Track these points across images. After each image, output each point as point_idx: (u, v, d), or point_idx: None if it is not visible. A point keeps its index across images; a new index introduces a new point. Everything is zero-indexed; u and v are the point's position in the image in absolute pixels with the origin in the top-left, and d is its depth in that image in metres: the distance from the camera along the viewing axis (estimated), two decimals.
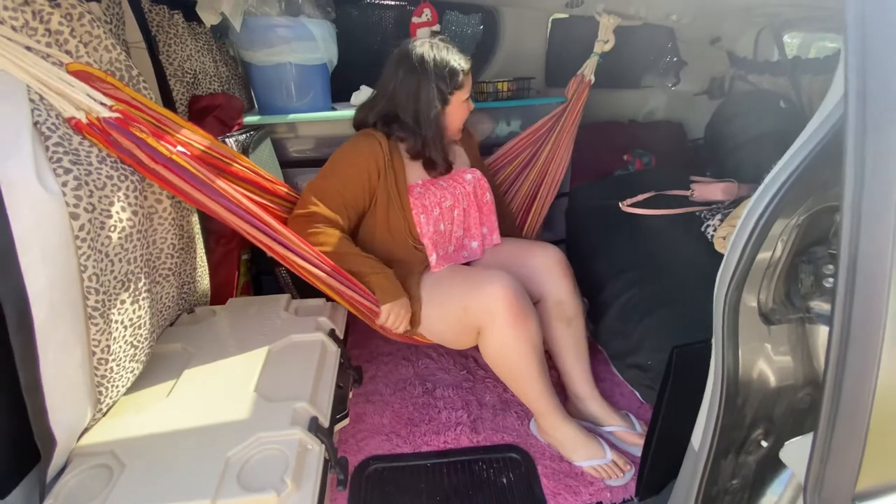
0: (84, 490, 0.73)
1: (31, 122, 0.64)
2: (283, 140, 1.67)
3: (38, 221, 0.62)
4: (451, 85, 1.18)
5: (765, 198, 0.62)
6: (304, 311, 1.18)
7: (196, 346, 1.01)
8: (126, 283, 0.78)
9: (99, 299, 0.72)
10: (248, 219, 0.89)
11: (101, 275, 0.72)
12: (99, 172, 0.73)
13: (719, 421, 0.70)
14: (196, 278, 1.13)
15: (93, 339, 0.74)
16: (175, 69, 1.31)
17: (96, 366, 0.76)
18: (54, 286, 0.65)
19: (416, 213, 1.22)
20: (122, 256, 0.77)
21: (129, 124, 0.75)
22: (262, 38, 1.50)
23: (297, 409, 0.84)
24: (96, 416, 0.81)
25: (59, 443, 0.72)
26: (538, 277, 1.27)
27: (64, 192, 0.66)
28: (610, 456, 1.16)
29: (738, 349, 0.67)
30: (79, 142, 0.72)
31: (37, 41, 0.72)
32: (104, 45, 0.81)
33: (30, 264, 0.61)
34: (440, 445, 1.27)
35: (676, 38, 2.26)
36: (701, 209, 1.61)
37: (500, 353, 1.13)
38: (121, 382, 0.82)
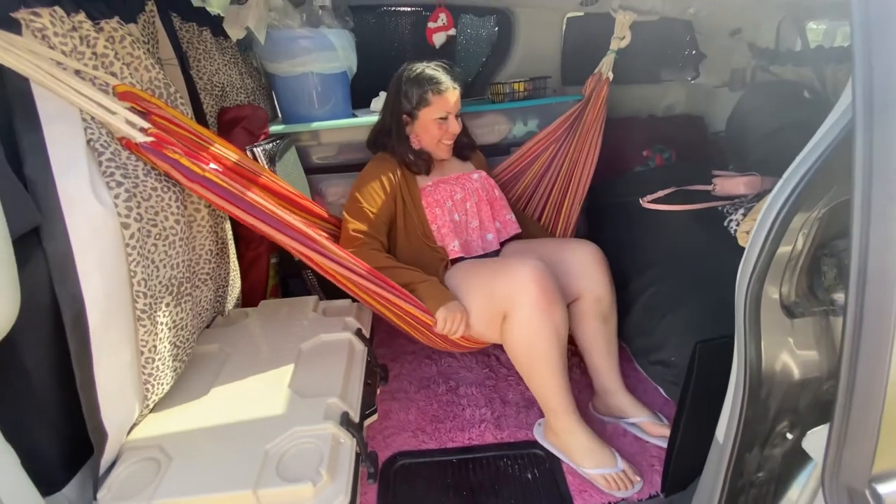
0: (135, 481, 0.78)
1: (86, 140, 0.70)
2: (307, 147, 1.72)
3: (94, 232, 0.67)
4: (417, 102, 1.27)
5: (785, 191, 0.62)
6: (332, 311, 1.23)
7: (232, 346, 1.06)
8: (170, 287, 0.84)
9: (147, 302, 0.77)
10: (278, 226, 0.93)
11: (148, 280, 0.78)
12: (145, 184, 0.78)
13: (743, 414, 0.71)
14: (230, 282, 1.19)
15: (141, 339, 0.79)
16: (205, 83, 1.37)
17: (144, 365, 0.81)
18: (107, 291, 0.70)
19: (429, 209, 1.28)
20: (167, 262, 0.82)
21: (163, 147, 0.80)
22: (285, 50, 1.56)
23: (329, 405, 0.88)
24: (143, 412, 0.87)
25: (110, 437, 0.77)
26: (576, 273, 1.27)
27: (116, 204, 0.71)
28: (621, 465, 1.13)
29: (760, 342, 0.68)
30: (127, 156, 0.77)
31: (84, 64, 0.77)
32: (144, 65, 0.87)
33: (86, 271, 0.67)
34: (465, 442, 1.29)
35: (695, 31, 2.23)
36: (723, 204, 1.59)
37: (523, 339, 1.09)
38: (165, 380, 0.88)
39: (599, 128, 1.71)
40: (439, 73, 1.26)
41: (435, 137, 1.30)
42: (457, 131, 1.31)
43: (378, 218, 1.25)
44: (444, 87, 1.25)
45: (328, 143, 1.76)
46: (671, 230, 1.58)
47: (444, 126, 1.29)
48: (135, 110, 0.81)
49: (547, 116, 1.86)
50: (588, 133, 1.69)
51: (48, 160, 0.65)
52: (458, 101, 1.29)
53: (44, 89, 0.70)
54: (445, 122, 1.28)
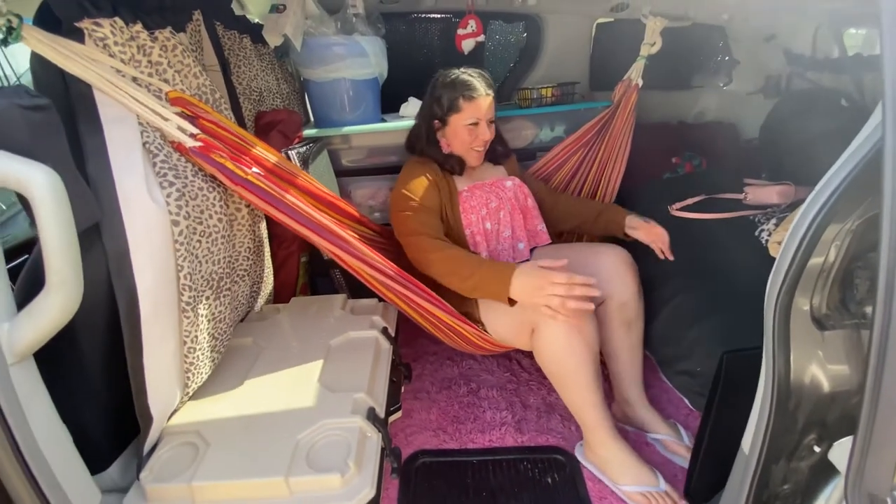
0: (175, 464, 0.83)
1: (142, 142, 0.75)
2: (338, 150, 1.78)
3: (148, 228, 0.73)
4: (449, 108, 1.27)
5: (818, 201, 0.62)
6: (359, 310, 1.26)
7: (265, 340, 1.11)
8: (211, 282, 0.89)
9: (191, 296, 0.82)
10: (313, 227, 0.96)
11: (193, 274, 0.83)
12: (193, 184, 0.83)
13: (770, 425, 0.70)
14: (264, 279, 1.24)
15: (185, 330, 0.84)
16: (244, 88, 1.43)
17: (186, 354, 0.86)
18: (158, 284, 0.75)
19: (465, 215, 1.29)
20: (209, 258, 0.87)
21: (210, 151, 0.85)
22: (319, 57, 1.61)
23: (356, 400, 0.91)
24: (184, 398, 0.92)
25: (154, 421, 0.83)
26: (602, 277, 1.22)
27: (168, 203, 0.76)
28: (664, 486, 1.07)
29: (789, 353, 0.67)
30: (177, 158, 0.82)
31: (141, 72, 0.83)
32: (193, 73, 0.92)
33: (140, 266, 0.72)
34: (486, 443, 1.31)
35: (728, 37, 2.20)
36: (755, 213, 1.57)
37: (553, 353, 1.07)
38: (204, 370, 0.93)
39: (628, 134, 1.70)
40: (473, 79, 1.26)
41: (465, 143, 1.30)
42: (488, 138, 1.30)
43: (435, 214, 1.24)
44: (477, 94, 1.25)
45: (358, 146, 1.80)
46: (700, 238, 1.56)
47: (474, 132, 1.28)
48: (184, 115, 0.86)
49: (574, 122, 1.86)
50: (617, 139, 1.69)
51: (108, 161, 0.71)
52: (490, 107, 1.28)
53: (104, 95, 0.76)
54: (476, 129, 1.28)
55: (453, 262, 1.11)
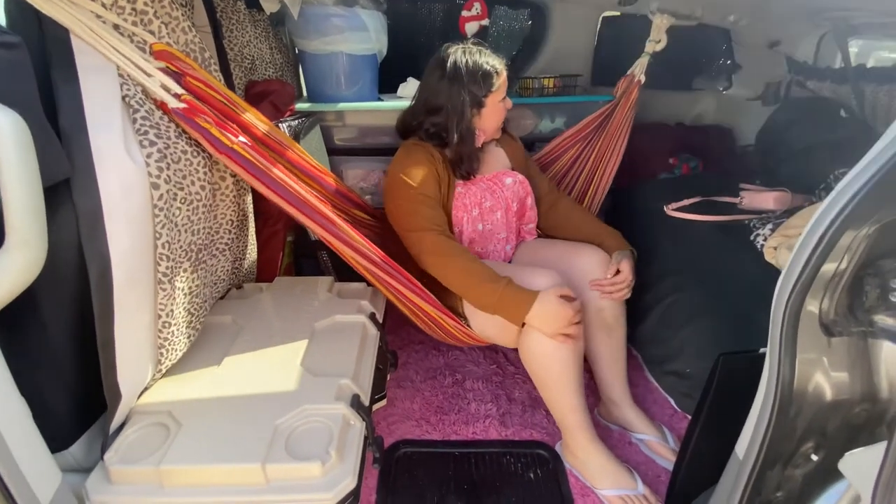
0: (143, 445, 0.78)
1: (121, 95, 0.69)
2: (331, 128, 1.71)
3: (124, 190, 0.66)
4: (486, 88, 1.17)
5: (836, 205, 0.60)
6: (347, 293, 1.22)
7: (245, 319, 1.05)
8: (189, 253, 0.83)
9: (168, 266, 0.77)
10: (299, 205, 0.91)
11: (171, 243, 0.77)
12: (176, 147, 0.77)
13: (769, 431, 0.69)
14: (246, 255, 1.18)
15: (160, 303, 0.78)
16: (235, 54, 1.36)
17: (160, 329, 0.81)
18: (133, 251, 0.69)
19: (456, 212, 1.23)
20: (188, 227, 0.82)
21: (195, 114, 0.78)
22: (317, 27, 1.54)
23: (340, 386, 0.87)
24: (155, 376, 0.86)
25: (123, 398, 0.77)
26: (580, 281, 1.22)
27: (147, 164, 0.70)
28: (642, 488, 1.08)
29: (794, 359, 0.66)
30: (160, 116, 0.76)
31: (124, 19, 0.76)
32: (181, 27, 0.86)
33: (114, 229, 0.66)
34: (469, 436, 1.28)
35: (732, 40, 2.18)
36: (750, 218, 1.56)
37: (538, 356, 1.07)
38: (179, 347, 0.87)
39: (626, 131, 1.68)
40: (489, 56, 1.19)
41: (500, 119, 1.24)
42: (511, 106, 1.26)
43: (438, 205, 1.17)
44: (501, 67, 1.19)
45: (352, 125, 1.74)
46: (694, 240, 1.55)
47: (504, 105, 1.24)
48: (169, 71, 0.79)
49: (575, 114, 1.83)
50: (614, 135, 1.66)
51: (83, 113, 0.64)
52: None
53: (82, 42, 0.69)
54: (504, 100, 1.23)
55: (468, 276, 1.06)
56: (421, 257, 1.12)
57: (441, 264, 1.08)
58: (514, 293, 1.02)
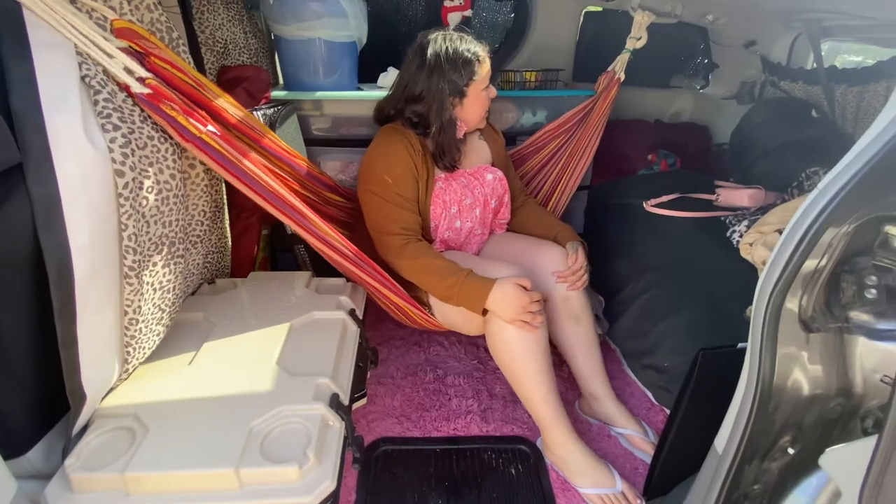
0: (107, 451, 0.73)
1: (80, 75, 0.63)
2: (308, 117, 1.65)
3: (84, 176, 0.61)
4: (467, 76, 1.15)
5: (818, 204, 0.60)
6: (325, 289, 1.18)
7: (218, 316, 1.01)
8: (159, 246, 0.78)
9: (136, 259, 0.72)
10: (271, 198, 0.89)
11: (139, 235, 0.72)
12: (141, 132, 0.72)
13: (749, 426, 0.69)
14: (220, 249, 1.13)
15: (126, 299, 0.73)
16: (207, 37, 1.30)
17: (127, 326, 0.76)
18: (96, 243, 0.64)
19: (434, 207, 1.21)
20: (158, 219, 0.77)
21: (159, 100, 0.73)
22: (293, 12, 1.48)
23: (319, 385, 0.84)
24: (122, 376, 0.81)
25: (88, 400, 0.72)
26: (545, 274, 1.25)
27: (111, 149, 0.65)
28: (620, 486, 1.09)
29: (775, 355, 0.66)
30: (124, 98, 0.71)
31: None
32: (146, 5, 0.80)
33: (74, 219, 0.61)
34: (450, 432, 1.27)
35: (709, 40, 2.22)
36: (726, 214, 1.59)
37: (501, 341, 1.09)
38: (147, 345, 0.83)
39: (601, 127, 1.68)
40: (472, 44, 1.16)
41: (483, 108, 1.22)
42: (495, 94, 1.23)
43: (412, 204, 1.16)
44: (483, 55, 1.16)
45: (330, 114, 1.69)
46: (672, 236, 1.57)
47: (486, 94, 1.21)
48: (132, 50, 0.74)
49: (556, 109, 1.83)
50: (590, 131, 1.66)
51: (37, 92, 0.58)
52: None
53: (36, 16, 0.63)
54: (488, 90, 1.21)
55: (430, 273, 1.09)
56: (388, 259, 1.14)
57: (407, 266, 1.11)
58: (473, 282, 1.05)
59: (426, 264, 1.10)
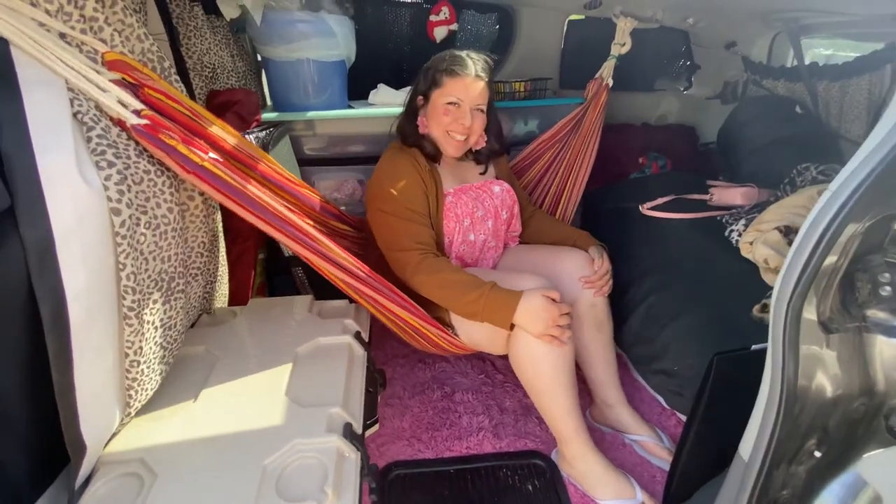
0: (114, 501, 0.69)
1: (72, 112, 0.61)
2: (300, 138, 1.64)
3: (80, 217, 0.59)
4: (431, 82, 1.16)
5: (835, 203, 0.60)
6: (328, 312, 1.15)
7: (220, 348, 0.98)
8: (159, 283, 0.75)
9: (135, 299, 0.69)
10: (278, 224, 0.85)
11: (137, 273, 0.69)
12: (137, 167, 0.69)
13: (776, 431, 0.68)
14: (219, 277, 1.10)
15: (127, 340, 0.70)
16: (194, 62, 1.28)
17: (128, 368, 0.73)
18: (93, 285, 0.61)
19: (447, 221, 1.19)
20: (157, 255, 0.74)
21: (158, 131, 0.71)
22: (281, 33, 1.47)
23: (331, 415, 0.81)
24: (124, 420, 0.78)
25: (89, 449, 0.69)
26: (569, 281, 1.23)
27: (107, 187, 0.62)
28: (640, 496, 1.07)
29: (798, 358, 0.65)
30: (118, 133, 0.68)
31: (71, 27, 0.68)
32: (136, 35, 0.78)
33: (69, 262, 0.58)
34: (463, 451, 1.24)
35: (691, 42, 2.26)
36: (721, 213, 1.60)
37: (528, 358, 1.05)
38: (150, 385, 0.79)
39: (597, 133, 1.69)
40: (464, 57, 1.14)
41: (442, 125, 1.15)
42: (467, 124, 1.14)
43: (424, 219, 1.14)
44: (462, 71, 1.11)
45: (323, 134, 1.68)
46: (669, 238, 1.57)
47: (452, 113, 1.14)
48: (125, 82, 0.72)
49: (547, 117, 1.84)
50: (586, 138, 1.67)
51: (27, 133, 0.56)
52: (481, 94, 1.14)
53: (24, 54, 0.61)
54: (455, 110, 1.13)
55: (452, 288, 1.04)
56: (405, 277, 1.10)
57: (426, 282, 1.07)
58: (499, 296, 1.01)
59: (446, 279, 1.05)
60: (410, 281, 1.09)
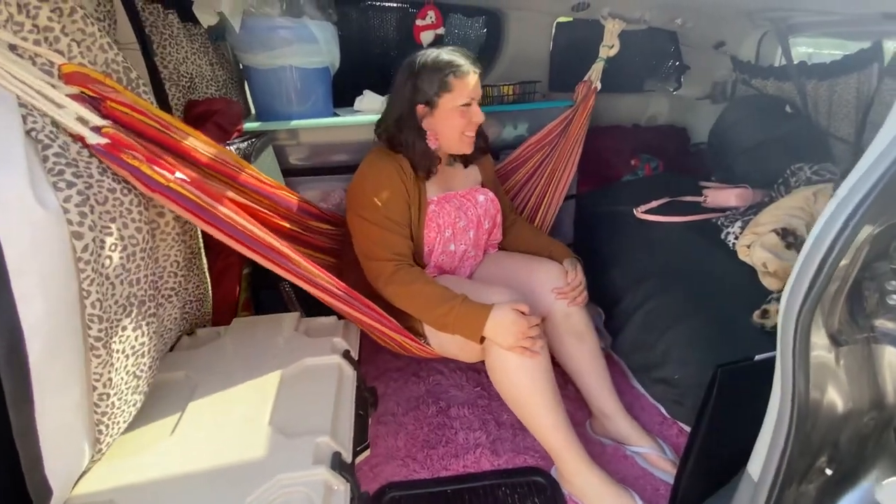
0: None
1: (26, 129, 0.56)
2: (284, 147, 1.59)
3: (36, 243, 0.54)
4: (438, 86, 1.10)
5: (843, 212, 0.56)
6: (316, 330, 1.10)
7: (200, 373, 0.92)
8: (128, 308, 0.70)
9: (102, 328, 0.64)
10: (250, 243, 0.82)
11: (103, 300, 0.64)
12: (100, 185, 0.64)
13: (787, 449, 0.65)
14: (199, 297, 1.05)
15: (94, 372, 0.65)
16: (170, 72, 1.23)
17: (97, 402, 0.67)
18: (53, 316, 0.56)
19: (428, 230, 1.17)
20: (125, 278, 0.69)
21: (120, 150, 0.66)
22: (262, 40, 1.43)
23: (318, 445, 0.76)
24: (95, 457, 0.72)
25: (56, 493, 0.63)
26: (543, 293, 1.22)
27: (66, 209, 0.57)
28: None
29: (808, 373, 0.62)
30: (78, 150, 0.63)
31: (23, 38, 0.63)
32: (99, 45, 0.73)
33: (25, 293, 0.53)
34: (460, 469, 1.20)
35: (679, 43, 2.24)
36: (717, 216, 1.58)
37: (504, 372, 1.05)
38: (122, 418, 0.74)
39: (581, 138, 1.67)
40: (457, 57, 1.11)
41: (458, 128, 1.14)
42: (481, 120, 1.15)
43: (403, 228, 1.11)
44: (465, 70, 1.10)
45: (307, 143, 1.63)
46: (665, 242, 1.55)
47: (467, 114, 1.13)
48: (85, 97, 0.67)
49: (537, 121, 1.81)
50: (571, 141, 1.65)
51: None
52: (478, 86, 1.14)
53: None
54: (469, 110, 1.13)
55: (422, 300, 1.05)
56: (378, 286, 1.09)
57: (398, 294, 1.06)
58: (469, 310, 1.01)
59: (418, 291, 1.05)
60: (383, 291, 1.08)
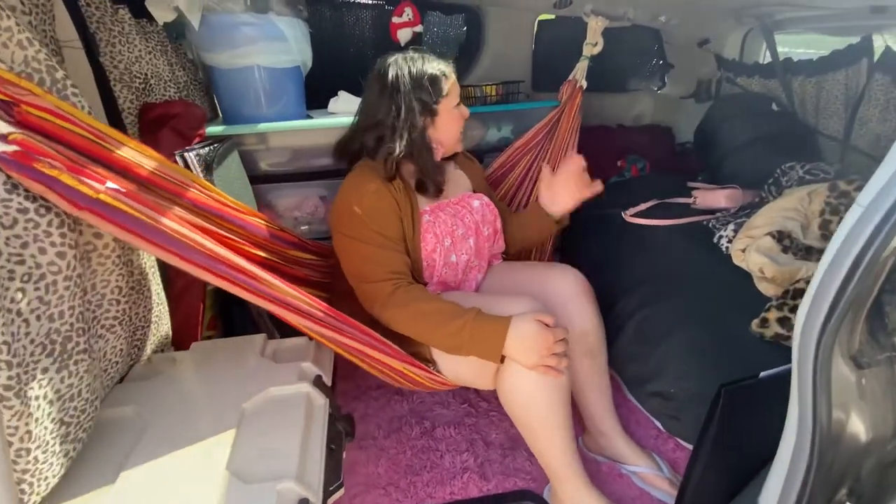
0: None
1: None
2: (253, 152, 1.49)
3: None
4: (436, 94, 1.04)
5: (872, 218, 0.49)
6: (284, 354, 1.01)
7: (151, 408, 0.82)
8: (48, 347, 0.60)
9: (14, 374, 0.54)
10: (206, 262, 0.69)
11: (14, 341, 0.54)
12: (7, 206, 0.54)
13: (808, 483, 0.58)
14: (152, 320, 0.94)
15: (8, 426, 0.55)
16: (121, 73, 1.12)
17: (14, 460, 0.57)
18: None
19: (425, 244, 1.06)
20: (43, 312, 0.58)
21: (32, 160, 0.55)
22: (225, 39, 1.33)
23: (281, 492, 0.67)
24: None
25: None
26: (559, 305, 1.12)
27: None
28: None
29: (831, 403, 0.56)
30: None
31: None
32: (16, 41, 0.63)
33: None
34: (446, 497, 1.12)
35: (663, 41, 2.20)
36: (707, 218, 1.53)
37: (521, 394, 0.94)
38: (50, 472, 0.64)
39: (574, 136, 1.61)
40: (433, 59, 1.07)
41: (457, 128, 1.12)
42: (468, 114, 1.14)
43: (397, 245, 1.01)
44: (448, 69, 1.08)
45: (278, 147, 1.53)
46: (656, 246, 1.49)
47: (459, 111, 1.11)
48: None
49: (521, 122, 1.75)
50: (563, 141, 1.58)
51: None
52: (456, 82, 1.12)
53: None
54: (460, 108, 1.12)
55: (428, 320, 0.92)
56: (375, 311, 0.97)
57: (398, 317, 0.94)
58: (484, 324, 0.89)
59: (422, 310, 0.93)
60: (381, 317, 0.96)
